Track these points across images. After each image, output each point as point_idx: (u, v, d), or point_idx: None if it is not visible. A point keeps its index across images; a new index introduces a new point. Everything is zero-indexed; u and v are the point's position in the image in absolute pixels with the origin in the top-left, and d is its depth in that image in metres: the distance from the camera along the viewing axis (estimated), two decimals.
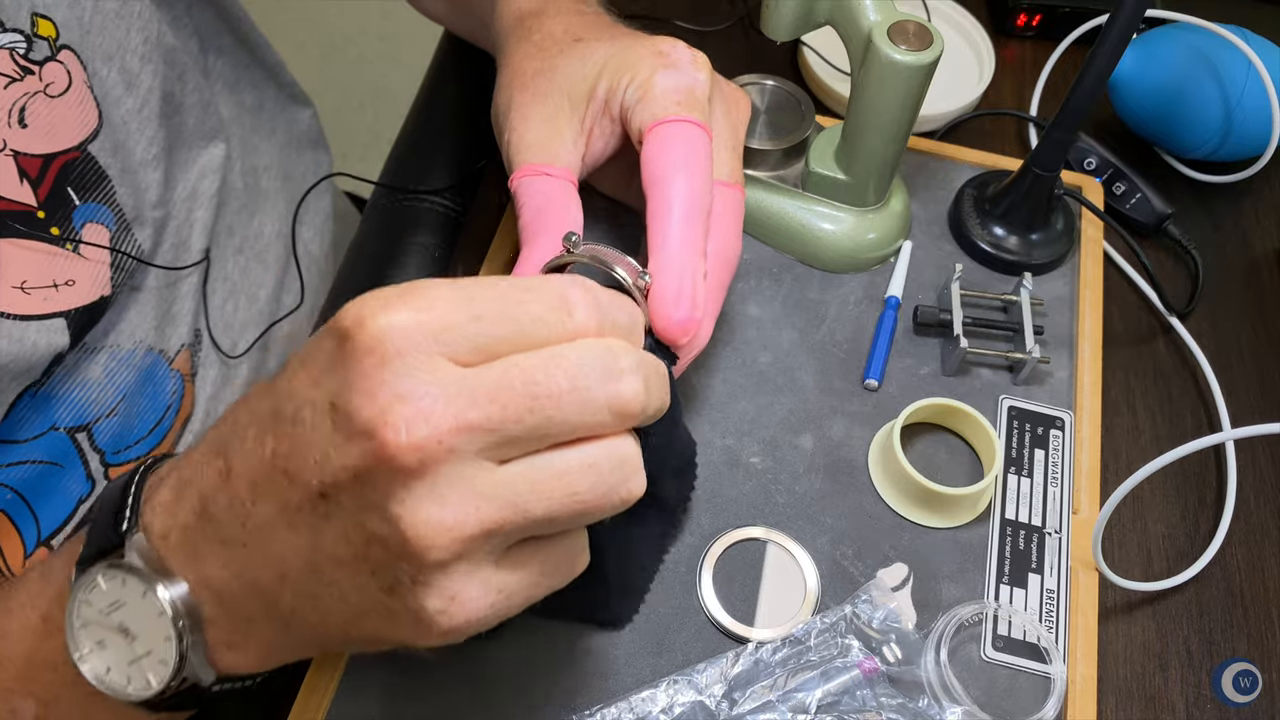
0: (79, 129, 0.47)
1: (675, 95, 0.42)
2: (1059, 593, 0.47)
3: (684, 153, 0.41)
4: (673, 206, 0.40)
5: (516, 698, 0.43)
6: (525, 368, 0.28)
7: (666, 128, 0.41)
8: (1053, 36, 0.69)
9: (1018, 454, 0.51)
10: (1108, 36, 0.47)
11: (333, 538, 0.29)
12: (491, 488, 0.28)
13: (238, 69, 0.64)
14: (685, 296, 0.38)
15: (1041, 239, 0.57)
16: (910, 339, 0.55)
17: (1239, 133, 0.60)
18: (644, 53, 0.43)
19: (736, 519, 0.49)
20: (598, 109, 0.44)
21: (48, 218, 0.46)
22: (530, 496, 0.29)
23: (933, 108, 0.64)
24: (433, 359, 0.28)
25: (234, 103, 0.64)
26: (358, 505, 0.28)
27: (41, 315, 0.45)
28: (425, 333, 0.28)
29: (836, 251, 0.56)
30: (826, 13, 0.50)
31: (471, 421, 0.28)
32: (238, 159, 0.63)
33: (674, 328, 0.38)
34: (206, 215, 0.58)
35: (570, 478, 0.29)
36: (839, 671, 0.43)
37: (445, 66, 0.73)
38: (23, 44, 0.44)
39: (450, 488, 0.28)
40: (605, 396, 0.29)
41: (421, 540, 0.28)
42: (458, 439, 0.27)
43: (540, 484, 0.29)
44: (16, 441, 0.48)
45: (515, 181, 0.44)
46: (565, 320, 0.30)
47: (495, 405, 0.28)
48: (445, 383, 0.28)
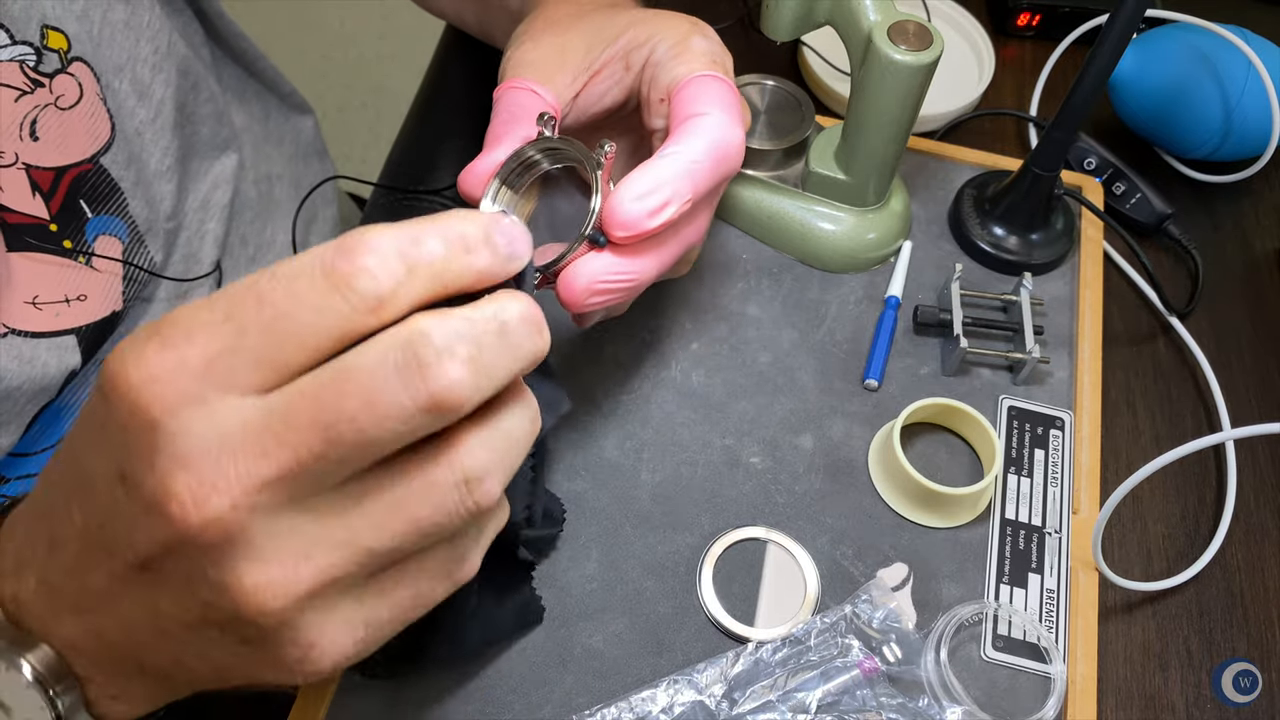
0: (91, 141, 0.47)
1: (712, 54, 0.42)
2: (1059, 593, 0.47)
3: (726, 98, 0.40)
4: (702, 134, 0.38)
5: (516, 698, 0.43)
6: (309, 394, 0.24)
7: (705, 79, 0.40)
8: (1053, 36, 0.69)
9: (1018, 454, 0.51)
10: (1108, 36, 0.47)
11: (168, 604, 0.27)
12: (318, 532, 0.25)
13: (241, 80, 0.64)
14: (653, 198, 0.36)
15: (1041, 239, 0.57)
16: (910, 339, 0.55)
17: (1239, 133, 0.60)
18: (680, 20, 0.43)
19: (736, 519, 0.49)
20: (615, 52, 0.43)
21: (60, 231, 0.46)
22: (366, 531, 0.26)
23: (933, 108, 0.64)
24: (206, 405, 0.24)
25: (244, 112, 0.64)
26: (182, 574, 0.26)
27: (53, 332, 0.45)
28: (189, 374, 0.24)
29: (836, 251, 0.56)
30: (826, 13, 0.50)
31: (265, 476, 0.24)
32: (250, 168, 0.62)
33: (620, 217, 0.36)
34: (219, 226, 0.57)
35: (408, 504, 0.26)
36: (839, 671, 0.43)
37: (445, 66, 0.73)
38: (33, 56, 0.44)
39: (269, 543, 0.25)
40: (412, 398, 0.24)
41: (252, 606, 0.25)
42: (257, 498, 0.24)
43: (373, 515, 0.26)
44: (29, 454, 0.47)
45: (499, 92, 0.43)
46: (349, 297, 0.24)
47: (287, 449, 0.24)
48: (226, 435, 0.24)
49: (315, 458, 0.24)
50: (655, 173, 0.37)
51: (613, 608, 0.46)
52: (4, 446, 0.45)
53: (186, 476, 0.24)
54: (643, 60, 0.43)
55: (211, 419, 0.24)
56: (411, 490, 0.26)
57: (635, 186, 0.36)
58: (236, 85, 0.64)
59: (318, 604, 0.26)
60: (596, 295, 0.38)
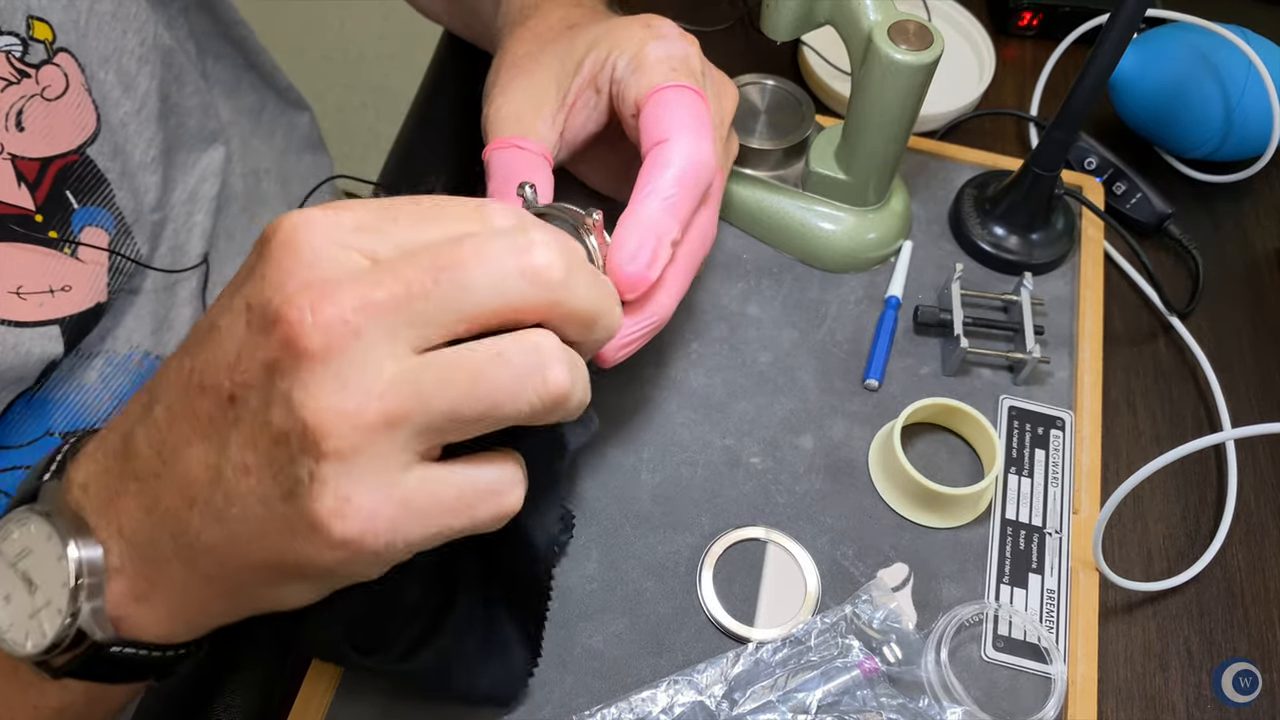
0: (77, 132, 0.47)
1: (670, 62, 0.41)
2: (1059, 593, 0.47)
3: (686, 115, 0.40)
4: (670, 164, 0.39)
5: (516, 698, 0.43)
6: (431, 246, 0.29)
7: (666, 92, 0.40)
8: (1053, 36, 0.69)
9: (1018, 454, 0.51)
10: (1108, 36, 0.47)
11: (239, 444, 0.29)
12: (397, 374, 0.28)
13: (235, 72, 0.64)
14: (645, 250, 0.37)
15: (1042, 239, 0.57)
16: (910, 339, 0.55)
17: (1239, 133, 0.60)
18: (633, 27, 0.43)
19: (736, 519, 0.49)
20: (583, 81, 0.44)
21: (46, 221, 0.46)
22: (434, 386, 0.28)
23: (933, 108, 0.64)
24: (346, 250, 0.28)
25: (233, 106, 0.64)
26: (264, 401, 0.28)
27: (37, 322, 0.45)
28: (340, 227, 0.28)
29: (836, 251, 0.56)
30: (826, 13, 0.50)
31: (377, 300, 0.27)
32: (238, 162, 0.62)
33: (622, 280, 0.37)
34: (206, 219, 0.58)
35: (476, 365, 0.28)
36: (839, 671, 0.43)
37: (445, 66, 0.73)
38: (19, 47, 0.44)
39: (354, 372, 0.27)
40: (515, 262, 0.29)
41: (320, 426, 0.27)
42: (363, 319, 0.27)
43: (445, 371, 0.28)
44: (11, 447, 0.47)
45: (488, 154, 0.44)
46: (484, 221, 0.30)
47: (400, 283, 0.28)
48: (353, 268, 0.28)
49: (420, 295, 0.28)
50: (637, 225, 0.38)
51: (613, 608, 0.46)
52: None
53: (309, 291, 0.27)
54: (608, 80, 0.43)
55: (345, 264, 0.28)
56: (480, 352, 0.29)
57: (625, 248, 0.38)
58: (229, 77, 0.64)
59: (370, 454, 0.28)
60: (625, 350, 0.40)
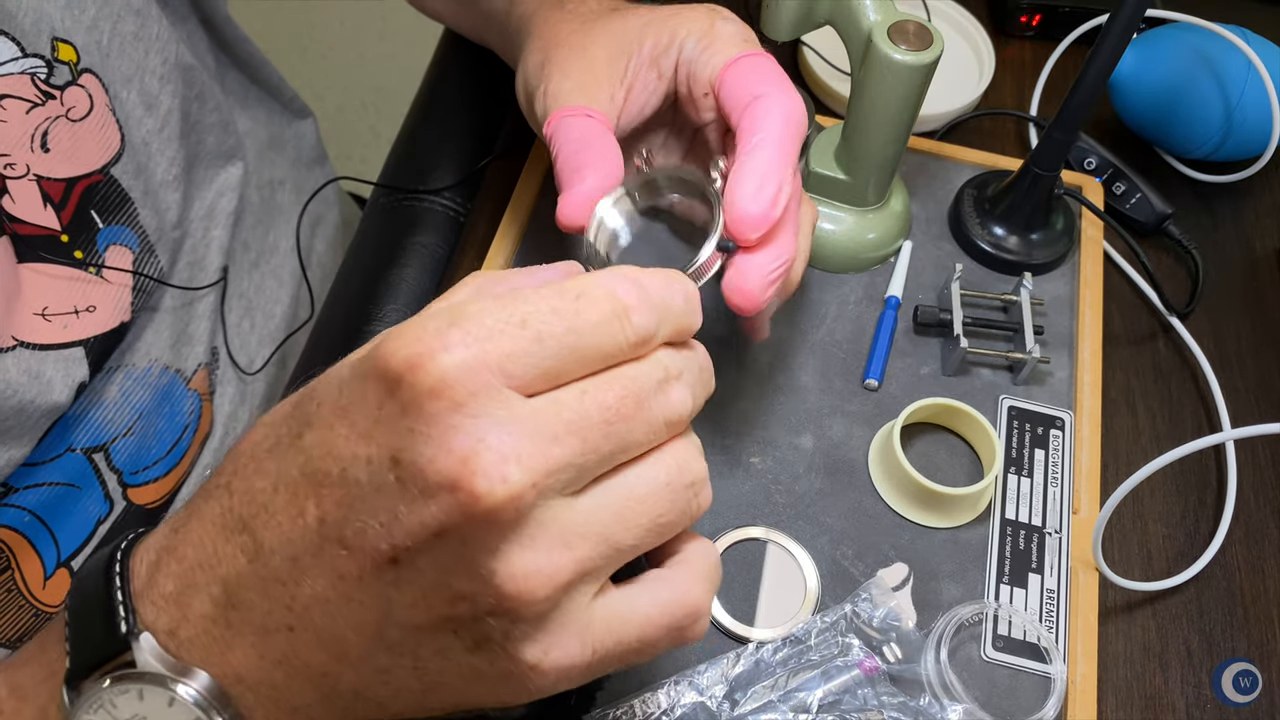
0: (101, 152, 0.47)
1: (742, 35, 0.42)
2: (1059, 593, 0.47)
3: (774, 74, 0.40)
4: (773, 113, 0.39)
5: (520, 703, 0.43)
6: (596, 394, 0.27)
7: (748, 59, 0.40)
8: (1053, 36, 0.69)
9: (1018, 454, 0.51)
10: (1108, 36, 0.47)
11: (407, 604, 0.26)
12: (580, 524, 0.27)
13: (244, 86, 0.64)
14: (767, 190, 0.37)
15: (1041, 239, 0.57)
16: (910, 339, 0.55)
17: (1239, 133, 0.60)
18: (697, 13, 0.43)
19: (736, 519, 0.49)
20: (641, 62, 0.43)
21: (71, 241, 0.46)
22: (617, 527, 0.27)
23: (933, 108, 0.64)
24: (504, 394, 0.25)
25: (248, 118, 0.64)
26: (439, 565, 0.26)
27: (60, 344, 0.45)
28: (490, 367, 0.25)
29: (836, 251, 0.56)
30: (826, 13, 0.50)
31: (559, 460, 0.26)
32: (254, 174, 0.62)
33: (748, 218, 0.37)
34: (223, 233, 0.57)
35: (651, 501, 0.28)
36: (840, 671, 0.44)
37: (445, 66, 0.73)
38: (44, 69, 0.44)
39: (540, 531, 0.26)
40: (662, 411, 0.28)
41: (521, 594, 0.26)
42: (548, 480, 0.25)
43: (624, 512, 0.27)
44: (35, 464, 0.47)
45: (552, 123, 0.42)
46: (625, 327, 0.27)
47: (577, 439, 0.26)
48: (525, 420, 0.25)
49: (593, 450, 0.26)
50: (755, 169, 0.38)
51: None
52: (15, 459, 0.45)
53: (490, 454, 0.25)
54: (673, 62, 0.43)
55: (510, 408, 0.25)
56: (652, 486, 0.28)
57: (746, 187, 0.37)
58: (239, 91, 0.64)
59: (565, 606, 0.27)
60: (771, 287, 0.39)
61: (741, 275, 0.38)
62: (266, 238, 0.64)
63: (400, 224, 0.63)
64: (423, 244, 0.63)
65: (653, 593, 0.30)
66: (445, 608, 0.26)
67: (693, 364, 0.30)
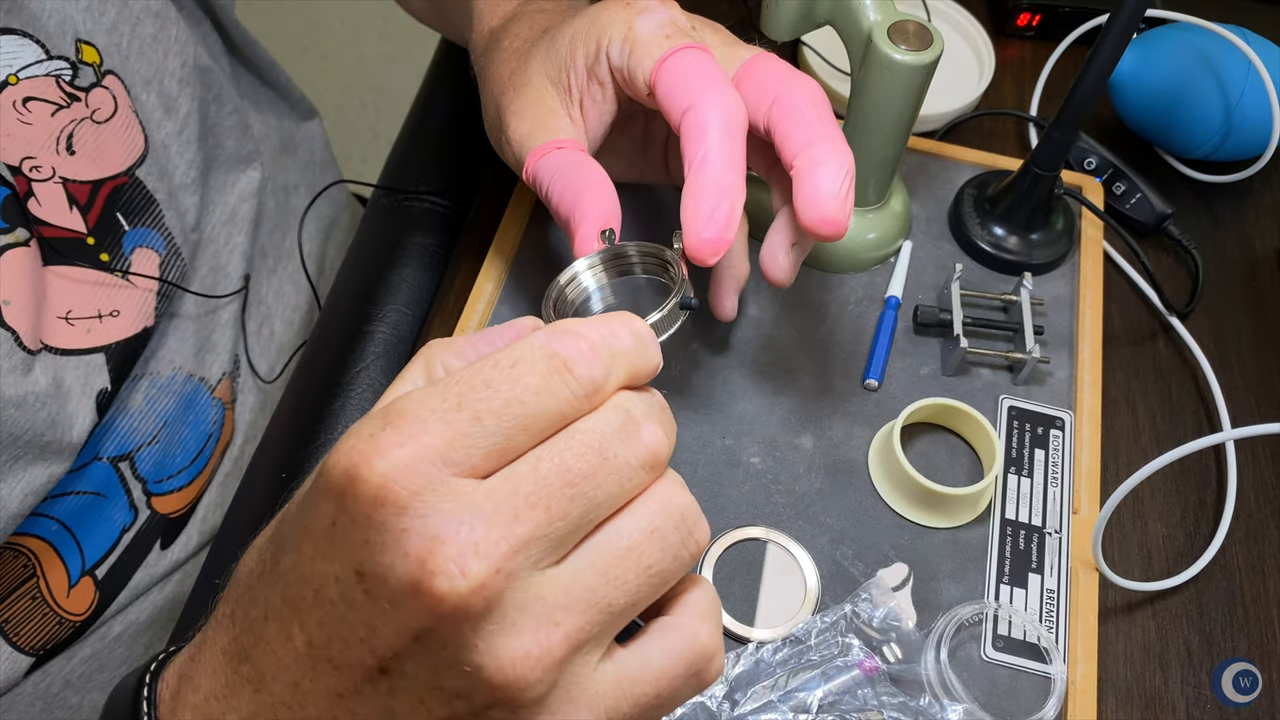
0: (127, 154, 0.47)
1: (662, 31, 0.41)
2: (1059, 593, 0.47)
3: (699, 75, 0.39)
4: (709, 124, 0.38)
5: None
6: (552, 458, 0.26)
7: (671, 60, 0.40)
8: (1053, 36, 0.69)
9: (1018, 454, 0.51)
10: (1108, 36, 0.47)
11: (407, 711, 0.26)
12: (564, 595, 0.26)
13: (256, 88, 0.64)
14: (720, 211, 0.37)
15: (1041, 239, 0.57)
16: (910, 339, 0.55)
17: (1239, 133, 0.60)
18: (613, 11, 0.42)
19: (736, 519, 0.49)
20: (581, 79, 0.43)
21: (97, 244, 0.46)
22: (607, 589, 0.26)
23: (933, 108, 0.64)
24: (451, 485, 0.25)
25: (261, 121, 0.64)
26: (426, 668, 0.25)
27: (82, 350, 0.45)
28: (432, 460, 0.24)
29: (836, 251, 0.56)
30: (826, 13, 0.50)
31: (524, 536, 0.25)
32: (270, 179, 0.62)
33: (702, 246, 0.37)
34: (245, 240, 0.57)
35: (637, 553, 0.27)
36: (840, 671, 0.44)
37: (445, 66, 0.73)
38: (68, 71, 0.44)
39: (520, 614, 0.25)
40: (634, 455, 0.27)
41: (512, 683, 0.25)
42: (513, 561, 0.24)
43: (610, 571, 0.26)
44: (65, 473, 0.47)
45: (530, 169, 0.43)
46: (569, 382, 0.26)
47: (540, 510, 0.25)
48: (479, 506, 0.25)
49: (560, 517, 0.25)
50: (704, 189, 0.38)
51: None
52: (56, 474, 0.44)
53: (445, 549, 0.24)
54: (607, 70, 0.42)
55: (460, 496, 0.25)
56: (636, 536, 0.27)
57: (698, 212, 0.37)
58: (252, 94, 0.64)
59: (566, 681, 0.26)
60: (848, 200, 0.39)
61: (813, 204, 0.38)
62: (283, 243, 0.64)
63: (400, 224, 0.64)
64: (423, 244, 0.63)
65: (663, 643, 0.29)
66: (444, 709, 0.26)
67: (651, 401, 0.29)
